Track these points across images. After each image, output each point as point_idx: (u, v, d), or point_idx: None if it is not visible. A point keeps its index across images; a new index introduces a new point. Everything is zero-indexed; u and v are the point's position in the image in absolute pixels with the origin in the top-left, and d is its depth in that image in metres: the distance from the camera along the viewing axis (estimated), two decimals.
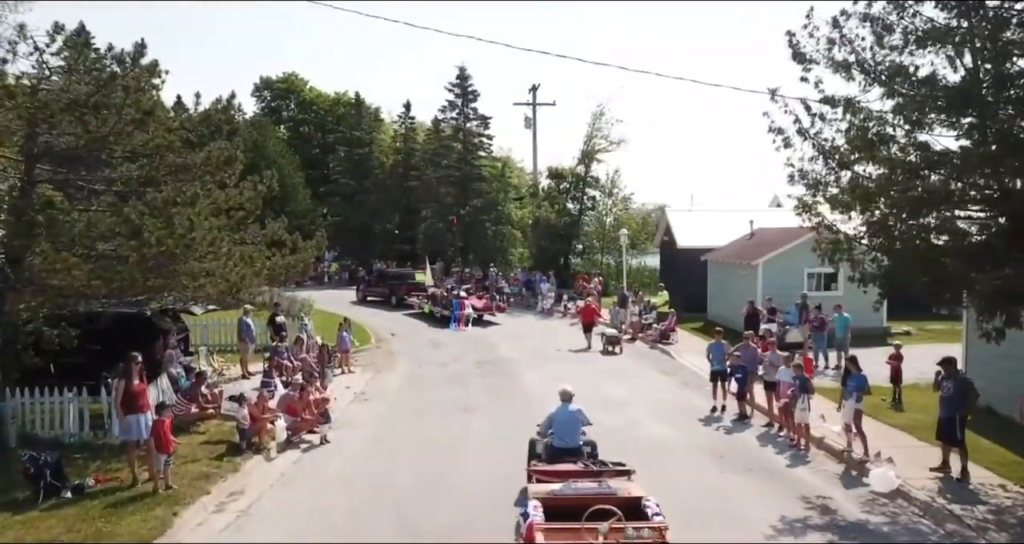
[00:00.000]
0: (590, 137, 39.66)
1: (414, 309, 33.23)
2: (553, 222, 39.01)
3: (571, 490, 8.49)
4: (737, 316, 25.84)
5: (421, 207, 50.82)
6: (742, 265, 25.21)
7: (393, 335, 27.60)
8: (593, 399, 15.26)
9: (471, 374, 20.14)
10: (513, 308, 35.57)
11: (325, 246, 16.09)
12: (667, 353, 23.10)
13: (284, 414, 13.07)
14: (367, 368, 21.10)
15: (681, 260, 31.31)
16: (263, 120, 59.03)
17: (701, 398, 17.18)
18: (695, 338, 25.38)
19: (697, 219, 32.67)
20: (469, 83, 47.41)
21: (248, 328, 19.22)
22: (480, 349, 24.14)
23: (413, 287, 35.31)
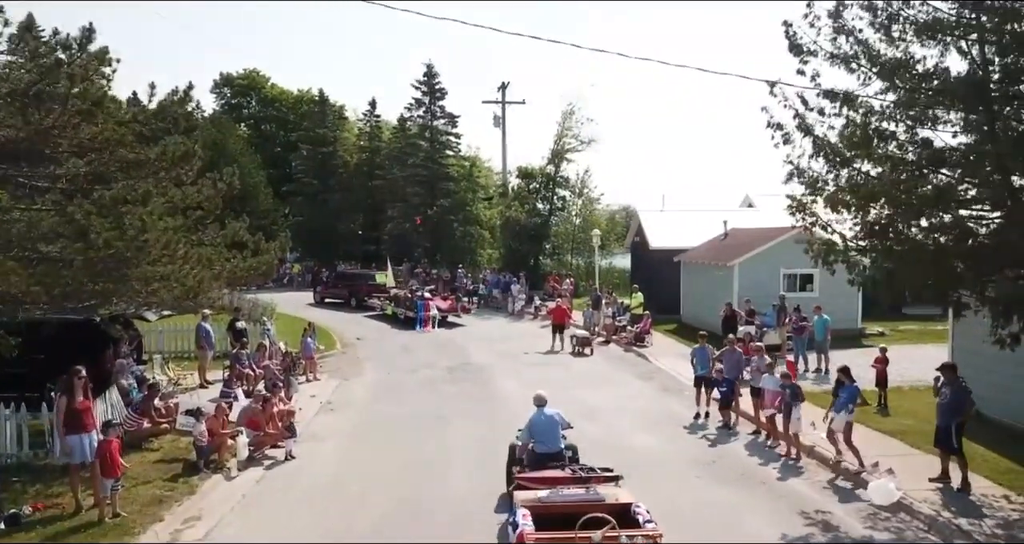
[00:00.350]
0: (560, 136, 39.16)
1: (376, 311, 32.59)
2: (523, 222, 38.35)
3: (559, 497, 8.25)
4: (712, 317, 25.45)
5: (387, 207, 49.82)
6: (717, 266, 24.82)
7: (359, 339, 26.69)
8: (573, 407, 14.57)
9: (443, 381, 19.36)
10: (483, 310, 34.88)
11: (288, 247, 15.13)
12: (643, 356, 22.57)
13: (246, 428, 12.16)
14: (333, 375, 20.18)
15: (653, 261, 30.88)
16: (223, 118, 57.37)
17: (682, 404, 16.64)
18: (670, 340, 24.93)
19: (669, 219, 32.28)
20: (437, 81, 46.54)
21: (207, 334, 18.19)
22: (451, 353, 23.36)
23: (374, 288, 34.57)
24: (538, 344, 24.95)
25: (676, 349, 23.39)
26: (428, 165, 46.33)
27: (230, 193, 14.75)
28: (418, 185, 46.50)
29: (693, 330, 26.39)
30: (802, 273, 24.12)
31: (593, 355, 23.24)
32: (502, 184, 42.68)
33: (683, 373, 19.80)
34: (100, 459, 9.29)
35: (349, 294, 35.11)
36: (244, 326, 19.64)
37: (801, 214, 11.20)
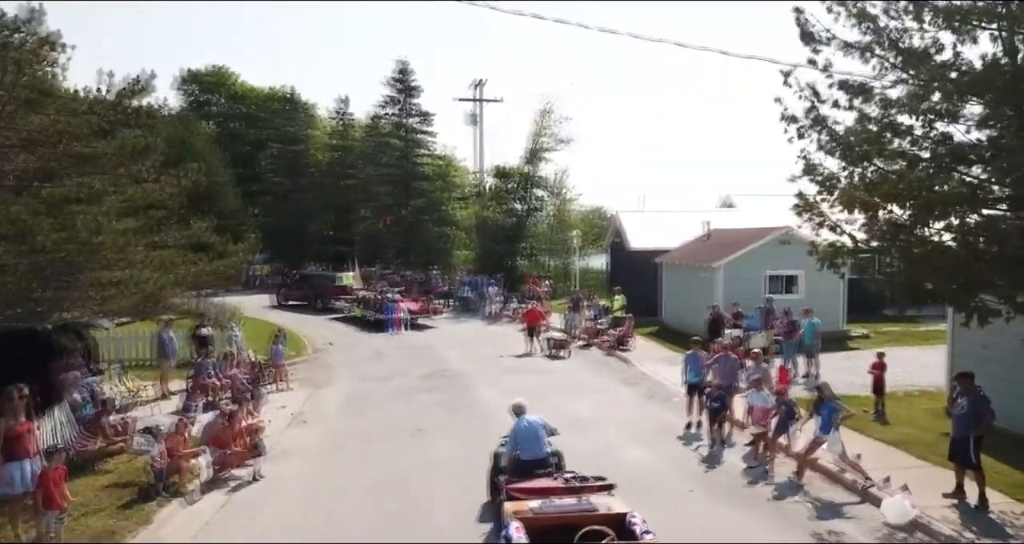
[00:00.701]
0: (537, 135, 38.44)
1: (342, 313, 31.60)
2: (500, 223, 37.53)
3: (553, 508, 7.86)
4: (694, 320, 24.87)
5: (358, 207, 48.74)
6: (701, 268, 24.24)
7: (331, 344, 25.69)
8: (557, 417, 13.73)
9: (419, 389, 18.47)
10: (458, 312, 34.03)
11: (256, 248, 14.19)
12: (626, 361, 21.88)
13: (209, 446, 11.19)
14: (304, 384, 19.19)
15: (632, 262, 30.27)
16: (189, 114, 55.74)
17: (672, 413, 15.97)
18: (652, 344, 24.29)
19: (649, 220, 31.71)
20: (411, 78, 45.58)
21: (168, 343, 17.10)
22: (426, 360, 22.47)
23: (339, 290, 33.80)
24: (516, 348, 24.17)
25: (659, 353, 22.77)
26: (401, 164, 45.36)
27: (195, 191, 13.75)
28: (391, 184, 45.51)
29: (674, 333, 25.88)
30: (787, 275, 23.65)
31: (570, 358, 22.72)
32: (478, 184, 41.80)
33: (669, 378, 19.16)
34: (42, 491, 8.27)
35: (313, 296, 34.47)
36: (209, 333, 18.58)
37: (809, 214, 10.51)
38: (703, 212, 33.11)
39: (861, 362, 20.42)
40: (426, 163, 45.74)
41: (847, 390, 17.26)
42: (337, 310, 32.40)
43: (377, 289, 32.71)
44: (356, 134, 52.79)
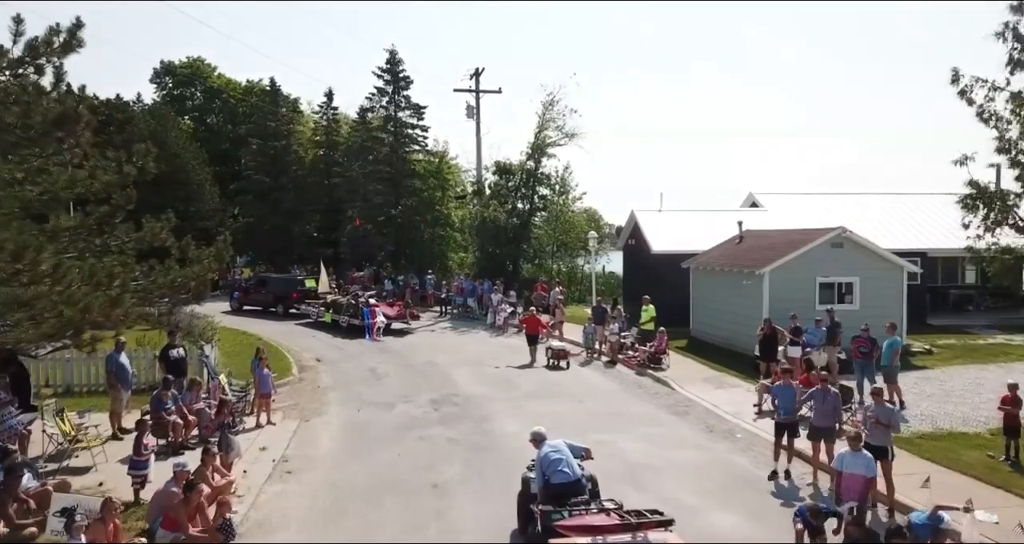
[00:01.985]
0: (540, 128, 35.37)
1: (309, 318, 29.65)
2: (502, 223, 34.46)
3: None
4: (731, 332, 22.03)
5: (345, 207, 45.54)
6: (742, 273, 21.31)
7: (319, 361, 22.54)
8: (606, 462, 11.00)
9: (428, 421, 15.38)
10: (458, 321, 30.97)
11: (229, 253, 11.07)
12: (664, 382, 18.90)
13: (160, 530, 8.07)
14: (290, 412, 16.07)
15: (653, 266, 27.32)
16: (162, 108, 52.23)
17: (743, 454, 13.01)
18: (687, 360, 21.32)
19: (669, 220, 28.78)
20: (400, 68, 42.48)
21: (121, 369, 13.88)
22: (431, 380, 19.39)
23: (304, 294, 31.72)
24: (535, 365, 21.23)
25: (699, 372, 19.83)
26: (391, 160, 42.26)
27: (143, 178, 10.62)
28: (380, 182, 42.38)
29: (708, 347, 22.98)
30: (841, 281, 20.76)
31: (569, 369, 20.88)
32: (476, 181, 38.71)
33: (721, 406, 16.30)
34: None
35: (275, 300, 32.18)
36: (182, 355, 15.34)
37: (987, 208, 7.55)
38: (727, 212, 30.35)
39: (943, 385, 17.69)
40: (418, 160, 42.69)
41: (947, 423, 14.42)
42: (303, 315, 30.33)
43: (352, 292, 30.57)
44: (343, 130, 49.57)
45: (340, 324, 27.44)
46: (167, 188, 46.01)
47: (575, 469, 8.75)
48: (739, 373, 19.20)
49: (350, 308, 27.53)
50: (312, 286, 32.51)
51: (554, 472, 8.62)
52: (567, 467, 8.67)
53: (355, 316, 26.88)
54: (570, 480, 8.55)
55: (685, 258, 25.78)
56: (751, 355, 19.91)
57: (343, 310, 27.73)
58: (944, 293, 30.24)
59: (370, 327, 26.18)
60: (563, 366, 21.03)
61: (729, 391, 17.69)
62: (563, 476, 8.56)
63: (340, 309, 27.92)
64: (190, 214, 46.85)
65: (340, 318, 27.56)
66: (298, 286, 32.86)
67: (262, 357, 15.55)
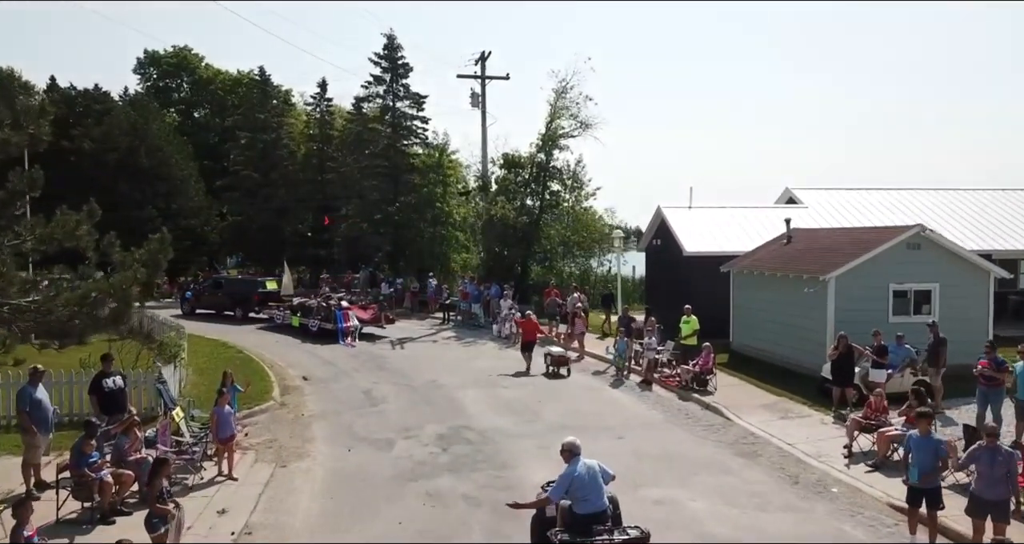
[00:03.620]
0: (552, 118, 32.28)
1: (272, 322, 28.17)
2: (511, 221, 31.37)
3: None
4: (788, 349, 18.96)
5: (339, 204, 42.45)
6: (800, 279, 18.24)
7: (307, 380, 19.46)
8: (674, 532, 8.09)
9: (437, 466, 12.30)
10: (462, 330, 27.92)
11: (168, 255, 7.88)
12: (715, 409, 15.81)
13: None
14: (264, 453, 13.00)
15: (684, 270, 24.24)
16: (144, 99, 49.05)
17: (849, 521, 9.93)
18: (734, 380, 18.25)
19: (702, 218, 25.69)
20: (399, 54, 39.40)
21: (37, 407, 10.68)
22: (437, 407, 16.33)
23: (266, 296, 29.93)
24: (554, 387, 18.18)
25: (753, 396, 16.77)
26: (389, 154, 39.18)
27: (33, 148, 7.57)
28: (377, 178, 39.32)
29: (752, 363, 19.94)
30: (917, 289, 17.70)
31: (569, 376, 19.41)
32: (481, 175, 35.61)
33: (795, 444, 13.27)
34: None
35: (233, 303, 30.41)
36: (119, 385, 12.15)
37: None
38: (764, 208, 27.30)
39: None
40: (418, 154, 39.64)
41: None
42: (264, 319, 28.85)
43: (322, 295, 28.54)
44: (337, 123, 46.42)
45: (309, 328, 25.77)
46: (147, 183, 42.92)
47: (603, 497, 7.92)
48: (803, 399, 16.13)
49: (321, 311, 25.95)
50: (274, 288, 30.60)
51: (583, 500, 7.75)
52: (597, 496, 7.82)
53: (327, 320, 25.37)
54: (597, 510, 7.75)
55: (722, 261, 22.73)
56: (815, 376, 16.91)
57: (313, 313, 26.10)
58: (1003, 298, 27.18)
59: (343, 331, 24.73)
60: (563, 373, 19.52)
61: (798, 423, 14.62)
62: (591, 506, 7.72)
63: (309, 312, 26.32)
64: (172, 211, 43.73)
65: (309, 322, 25.91)
66: (258, 288, 30.79)
67: (224, 388, 12.41)
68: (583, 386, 18.60)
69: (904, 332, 15.86)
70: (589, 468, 7.99)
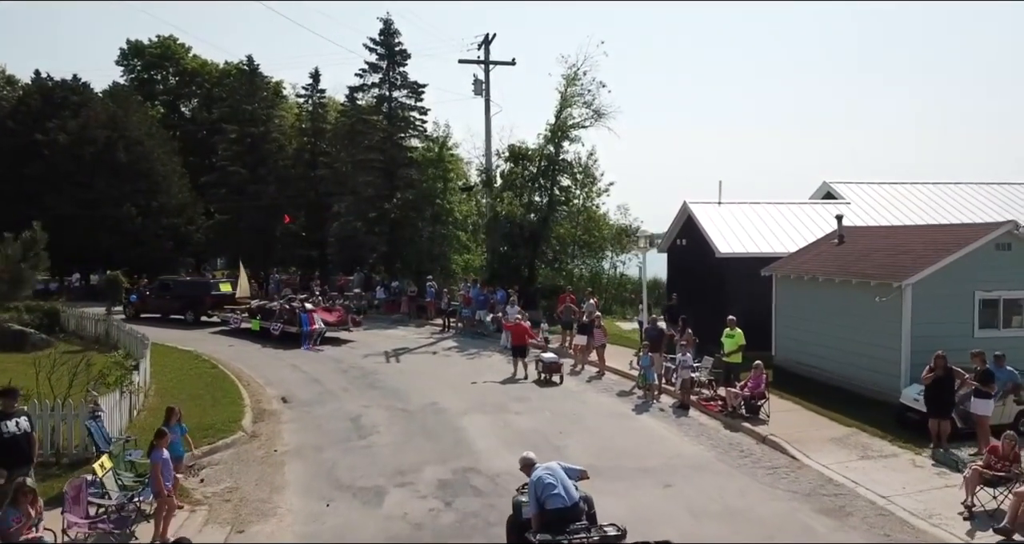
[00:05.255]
0: (562, 106, 29.52)
1: (226, 326, 26.91)
2: (519, 219, 28.61)
3: None
4: (851, 368, 16.21)
5: (333, 202, 39.67)
6: (866, 285, 15.48)
7: (286, 402, 16.74)
8: None
9: (440, 529, 9.61)
10: (464, 340, 25.18)
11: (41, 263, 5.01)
12: (774, 445, 13.05)
13: None
14: (220, 509, 10.30)
15: (716, 273, 21.53)
16: (124, 90, 46.28)
17: None
18: (789, 405, 15.47)
19: (733, 215, 22.92)
20: (396, 40, 36.60)
21: None
22: (439, 440, 13.59)
23: (219, 299, 28.73)
24: (574, 412, 15.46)
25: (817, 425, 14.04)
26: (385, 148, 36.44)
27: None
28: (372, 173, 36.56)
29: (801, 381, 17.20)
30: (1008, 297, 14.94)
31: (562, 383, 18.24)
32: (485, 169, 32.83)
33: (892, 497, 10.54)
34: None
35: (184, 307, 28.98)
36: (24, 429, 9.22)
37: None
38: (803, 204, 24.57)
39: None
40: (416, 147, 36.90)
41: None
42: (218, 322, 27.59)
43: (284, 298, 27.45)
44: (330, 116, 43.64)
45: (271, 332, 24.51)
46: (126, 179, 40.11)
47: (572, 492, 8.06)
48: (880, 431, 13.37)
49: (284, 314, 24.72)
50: (227, 291, 29.27)
51: (549, 496, 7.93)
52: (563, 490, 7.98)
53: (291, 323, 24.21)
54: (567, 505, 7.90)
55: (761, 263, 20.00)
56: (889, 401, 14.21)
57: (275, 316, 24.83)
58: None
59: (308, 335, 23.55)
60: (555, 381, 18.36)
61: (885, 465, 11.86)
62: (559, 500, 7.89)
63: (271, 315, 25.12)
64: (152, 209, 40.93)
65: (271, 325, 24.68)
66: (211, 290, 29.64)
67: (164, 429, 9.63)
68: (608, 411, 15.85)
69: (993, 349, 13.16)
70: (549, 469, 8.18)
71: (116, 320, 23.97)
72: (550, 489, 7.94)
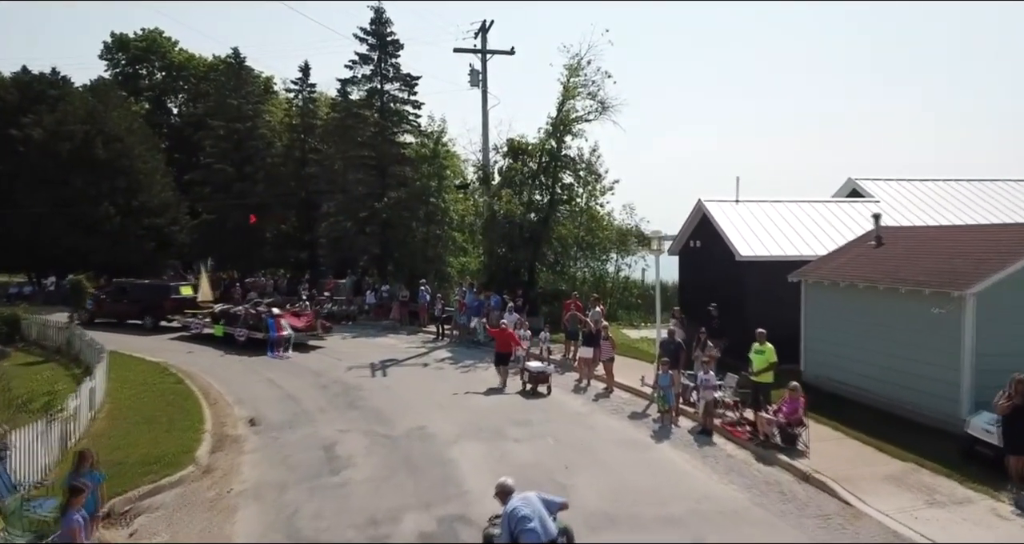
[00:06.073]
0: (564, 98, 27.50)
1: (190, 331, 25.65)
2: (519, 219, 26.61)
3: None
4: (896, 388, 14.18)
5: (323, 201, 37.67)
6: (918, 294, 13.47)
7: (253, 425, 14.75)
8: None
9: None
10: (459, 351, 23.19)
11: None
12: (819, 484, 11.03)
13: None
14: None
15: (736, 278, 19.53)
16: (105, 85, 44.24)
17: None
18: (827, 431, 13.45)
19: (752, 215, 20.92)
20: (388, 30, 34.62)
21: None
22: (424, 476, 11.57)
23: (180, 303, 27.77)
24: (582, 441, 13.41)
25: (866, 459, 12.00)
26: (376, 143, 34.43)
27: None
28: (363, 170, 34.60)
29: (837, 401, 15.18)
30: None
31: (549, 394, 16.92)
32: (482, 165, 30.81)
33: None
34: None
35: (142, 311, 27.66)
36: None
37: None
38: (826, 203, 22.55)
39: None
40: (408, 143, 34.91)
41: None
42: (176, 328, 26.55)
43: (250, 302, 26.31)
44: (321, 111, 41.62)
45: (236, 338, 23.40)
46: (104, 176, 38.00)
47: (549, 527, 7.40)
48: (945, 467, 11.34)
49: (250, 319, 23.63)
50: (189, 294, 28.32)
51: (523, 531, 7.24)
52: (539, 525, 7.29)
53: (256, 328, 23.22)
54: (542, 541, 7.19)
55: (787, 267, 18.00)
56: (947, 430, 12.21)
57: (240, 321, 23.71)
58: None
59: (275, 341, 22.46)
60: (543, 392, 17.14)
61: (959, 514, 9.82)
62: (534, 536, 7.18)
63: (235, 320, 23.99)
64: (133, 208, 38.83)
65: (236, 331, 23.57)
66: (171, 293, 28.24)
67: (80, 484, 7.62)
68: (620, 438, 13.81)
69: None
70: (526, 499, 7.57)
71: (78, 329, 21.93)
72: (525, 522, 7.32)
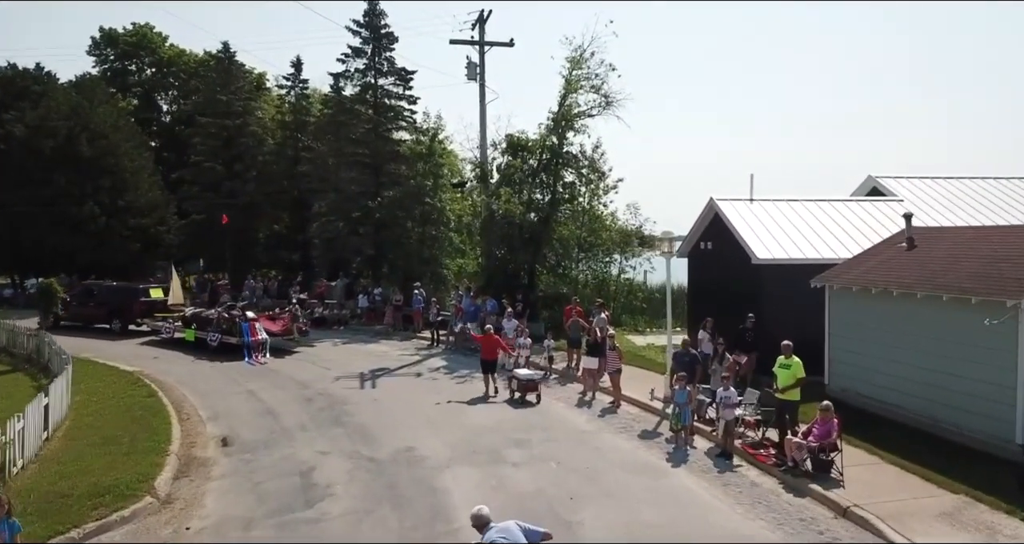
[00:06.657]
0: (566, 92, 26.19)
1: (160, 335, 24.74)
2: (518, 219, 25.25)
3: None
4: (936, 407, 12.85)
5: (314, 199, 36.26)
6: (964, 302, 12.10)
7: (226, 445, 13.38)
8: None
9: None
10: (455, 359, 21.81)
11: None
12: (862, 521, 9.66)
13: None
14: None
15: (753, 283, 18.17)
16: (91, 80, 42.84)
17: None
18: (863, 455, 12.08)
19: (769, 215, 19.57)
20: (382, 22, 33.23)
21: None
22: (411, 509, 10.21)
23: (149, 306, 26.95)
24: (589, 464, 12.03)
25: (911, 490, 10.63)
26: (370, 140, 33.04)
27: None
28: (356, 169, 33.20)
29: (869, 421, 13.75)
30: None
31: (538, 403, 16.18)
32: (480, 162, 29.44)
33: None
34: None
35: (109, 314, 26.61)
36: None
37: None
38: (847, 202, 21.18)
39: None
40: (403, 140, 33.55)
41: None
42: (146, 333, 25.59)
43: (223, 305, 25.50)
44: (314, 108, 40.24)
45: (209, 343, 22.49)
46: (88, 175, 36.56)
47: None
48: (1003, 501, 9.99)
49: (223, 323, 22.81)
50: (159, 297, 27.54)
51: None
52: None
53: (230, 333, 22.38)
54: None
55: (807, 271, 16.64)
56: (1003, 457, 10.83)
57: (213, 325, 22.88)
58: None
59: (250, 346, 21.58)
60: (532, 400, 16.41)
61: None
62: None
63: (207, 324, 23.12)
64: (119, 208, 37.38)
65: (208, 335, 22.63)
66: (140, 296, 27.21)
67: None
68: (631, 462, 12.44)
69: None
70: (504, 530, 6.69)
71: (47, 336, 20.55)
72: None
